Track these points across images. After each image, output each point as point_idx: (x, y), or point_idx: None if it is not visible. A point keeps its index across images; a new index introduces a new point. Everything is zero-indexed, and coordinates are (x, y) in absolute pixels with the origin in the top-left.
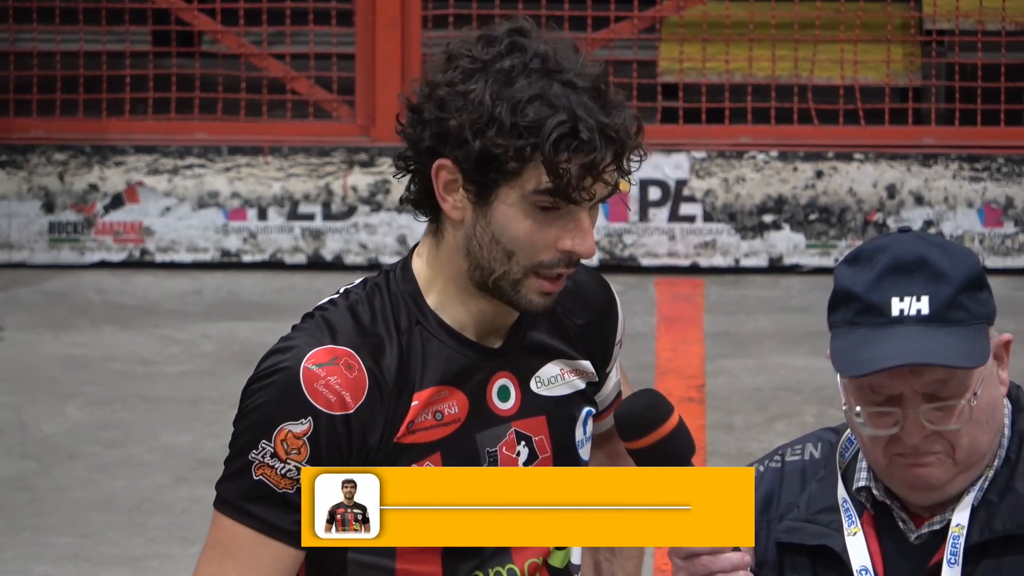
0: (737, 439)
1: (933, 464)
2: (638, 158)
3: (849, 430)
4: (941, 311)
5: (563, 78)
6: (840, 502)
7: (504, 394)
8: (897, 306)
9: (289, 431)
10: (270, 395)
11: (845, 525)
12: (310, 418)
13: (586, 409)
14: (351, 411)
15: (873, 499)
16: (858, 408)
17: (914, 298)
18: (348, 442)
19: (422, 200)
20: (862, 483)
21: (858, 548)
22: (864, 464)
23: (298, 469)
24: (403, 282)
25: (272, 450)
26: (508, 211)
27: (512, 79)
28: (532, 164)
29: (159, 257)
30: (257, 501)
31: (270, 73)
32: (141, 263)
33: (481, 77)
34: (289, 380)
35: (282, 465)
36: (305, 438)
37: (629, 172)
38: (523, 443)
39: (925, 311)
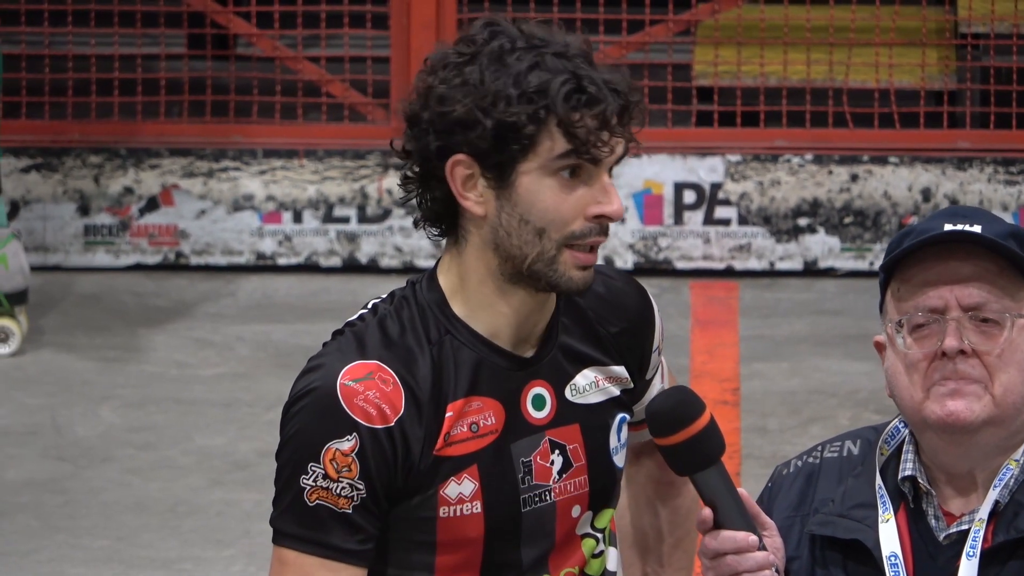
0: (771, 442)
1: (970, 396)
2: (642, 116)
3: (892, 423)
4: (992, 235)
5: (552, 50)
6: (876, 488)
7: (539, 403)
8: (948, 227)
9: (337, 449)
10: (311, 416)
11: (880, 512)
12: (355, 434)
13: (620, 415)
14: (392, 423)
15: (915, 491)
16: (900, 318)
17: (966, 224)
18: (393, 455)
19: (441, 210)
20: (907, 472)
21: (889, 536)
22: (910, 455)
23: (352, 487)
24: (429, 292)
25: (323, 471)
26: (531, 185)
27: (504, 58)
28: (547, 131)
29: (194, 260)
30: (319, 527)
31: (305, 76)
32: (176, 266)
33: (475, 65)
34: (327, 398)
35: (336, 484)
36: (353, 454)
37: (641, 126)
38: (557, 452)
39: (977, 231)
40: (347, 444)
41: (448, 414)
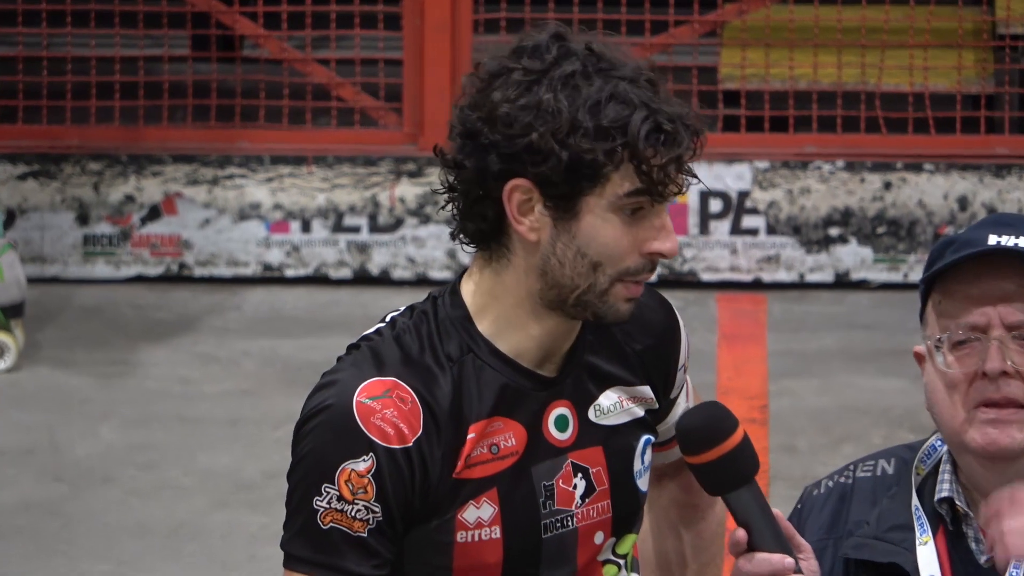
0: (801, 462)
1: (1013, 425)
2: (701, 147)
3: (928, 441)
4: None
5: (622, 75)
6: (913, 510)
7: (562, 424)
8: (993, 239)
9: (352, 470)
10: (325, 435)
11: (917, 534)
12: (372, 454)
13: (644, 438)
14: (410, 444)
15: (953, 514)
16: (941, 336)
17: (1012, 236)
18: (411, 476)
19: (488, 228)
20: (944, 494)
21: (928, 559)
22: (947, 475)
23: (367, 509)
24: (452, 308)
25: (338, 493)
26: (596, 220)
27: (577, 84)
28: (620, 168)
29: (198, 271)
30: (333, 551)
31: (314, 79)
32: (179, 277)
33: (544, 86)
34: (343, 416)
35: (351, 507)
36: (369, 475)
37: (700, 157)
38: (580, 475)
39: (1023, 245)
40: (363, 465)
41: (470, 435)
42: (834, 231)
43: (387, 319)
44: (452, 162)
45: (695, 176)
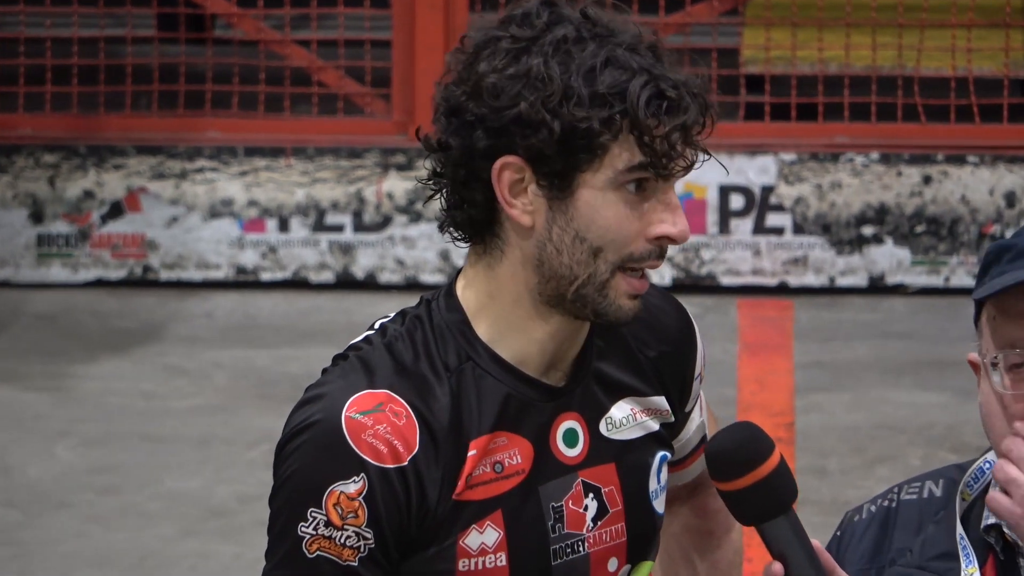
0: (831, 485)
1: None
2: (711, 123)
3: (977, 462)
4: None
5: (620, 41)
6: (957, 539)
7: (571, 439)
8: None
9: (341, 492)
10: (311, 454)
11: (963, 566)
12: (363, 475)
13: (660, 454)
14: (405, 463)
15: (1004, 542)
16: (997, 355)
17: None
18: (406, 499)
19: (478, 216)
20: (991, 520)
21: None
22: None
23: (358, 536)
24: (448, 312)
25: (325, 518)
26: (594, 199)
27: (570, 49)
28: (620, 139)
29: (164, 275)
30: None
31: (293, 62)
32: (143, 281)
33: (534, 53)
34: (330, 433)
35: (340, 533)
36: (360, 498)
37: (709, 134)
38: (591, 495)
39: None
40: (353, 486)
41: (471, 452)
42: (868, 230)
43: (376, 326)
44: (436, 144)
45: (706, 151)
